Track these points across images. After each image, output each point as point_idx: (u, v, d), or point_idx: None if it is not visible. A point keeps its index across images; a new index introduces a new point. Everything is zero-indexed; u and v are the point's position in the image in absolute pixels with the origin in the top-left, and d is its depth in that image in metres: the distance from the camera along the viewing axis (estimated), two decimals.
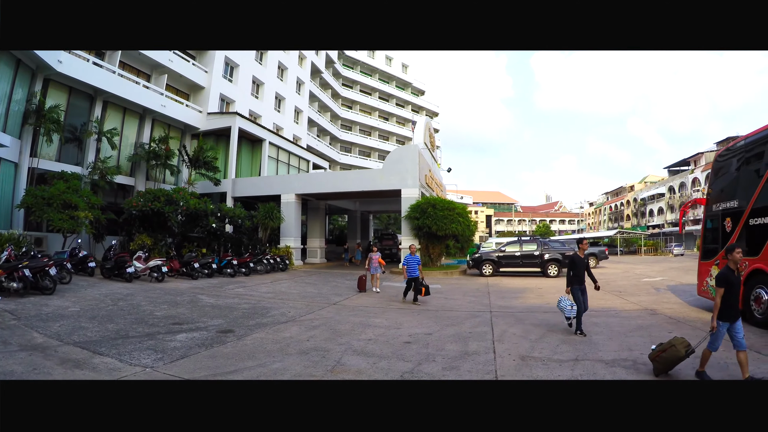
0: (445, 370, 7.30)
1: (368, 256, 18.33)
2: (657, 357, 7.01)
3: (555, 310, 13.67)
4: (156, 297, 14.40)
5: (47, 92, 23.17)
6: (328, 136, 62.39)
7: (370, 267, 17.81)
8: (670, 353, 6.87)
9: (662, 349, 6.98)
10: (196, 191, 27.68)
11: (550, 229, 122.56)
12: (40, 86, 22.62)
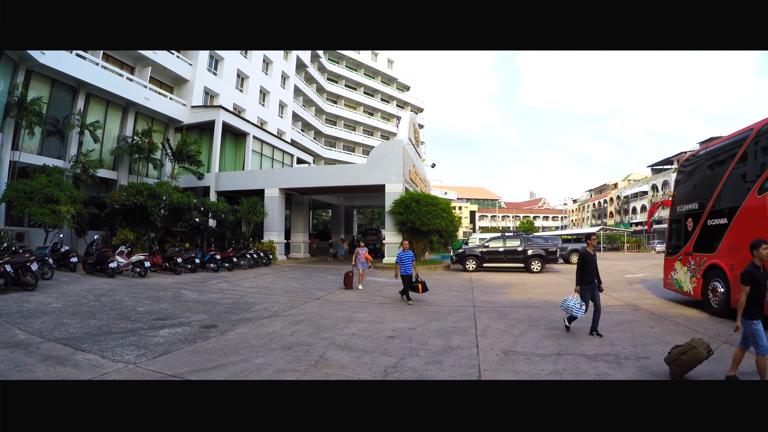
0: (428, 364, 7.37)
1: (355, 252, 17.88)
2: (675, 360, 6.64)
3: (538, 305, 13.87)
4: (139, 292, 14.35)
5: (29, 84, 22.93)
6: (312, 130, 62.24)
7: (357, 263, 17.34)
8: (691, 355, 6.54)
9: (681, 352, 6.63)
10: (179, 185, 27.53)
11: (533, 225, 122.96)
12: (22, 78, 22.39)
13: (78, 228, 22.19)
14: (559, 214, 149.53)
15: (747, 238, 9.69)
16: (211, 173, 32.05)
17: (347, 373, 6.81)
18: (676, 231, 14.84)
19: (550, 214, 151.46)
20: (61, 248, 19.04)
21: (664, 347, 8.28)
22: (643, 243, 70.64)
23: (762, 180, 10.66)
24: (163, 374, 6.37)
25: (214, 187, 31.75)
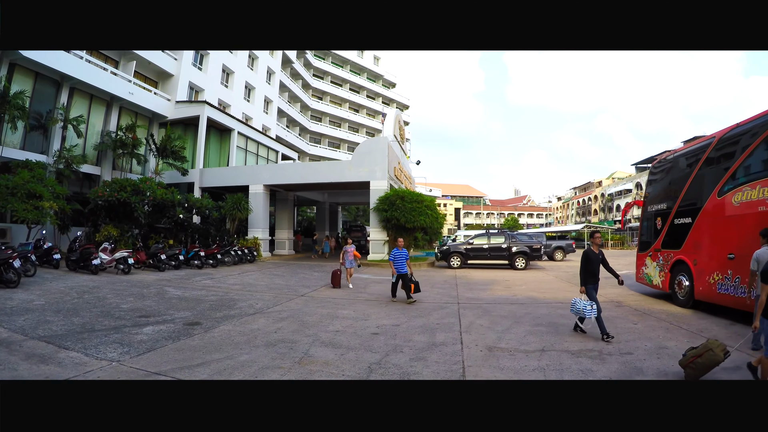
0: (412, 361, 7.41)
1: (343, 249, 17.43)
2: (690, 363, 6.43)
3: (522, 302, 13.96)
4: (122, 289, 14.27)
5: (12, 77, 22.70)
6: (297, 126, 62.05)
7: (345, 260, 16.90)
8: (707, 358, 6.33)
9: (697, 354, 6.42)
10: (163, 181, 27.36)
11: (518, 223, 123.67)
12: (5, 71, 22.18)
13: (61, 224, 22.03)
14: (543, 212, 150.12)
15: (708, 236, 12.03)
16: (195, 169, 31.93)
17: (331, 369, 6.83)
18: (646, 229, 15.91)
19: (534, 212, 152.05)
20: (43, 245, 18.89)
21: (646, 343, 8.45)
22: (627, 240, 71.12)
23: (722, 183, 11.56)
24: (147, 372, 6.35)
25: (199, 183, 31.63)
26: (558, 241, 40.61)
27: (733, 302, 10.68)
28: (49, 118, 24.28)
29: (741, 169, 11.05)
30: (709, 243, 12.01)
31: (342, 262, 17.02)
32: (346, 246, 17.25)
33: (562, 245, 37.28)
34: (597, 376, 6.72)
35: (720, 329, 9.90)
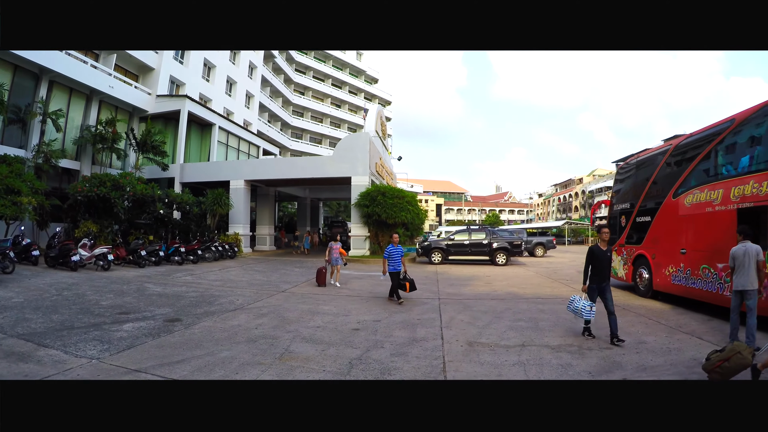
0: (393, 356, 7.48)
1: (328, 246, 16.83)
2: (716, 368, 6.12)
3: (503, 297, 14.08)
4: (102, 286, 14.18)
5: None
6: (279, 121, 61.87)
7: (331, 258, 16.36)
8: (735, 361, 6.04)
9: (723, 358, 6.10)
10: (143, 176, 27.06)
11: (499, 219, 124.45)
12: None
13: (40, 220, 21.76)
14: (524, 208, 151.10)
15: (664, 233, 13.38)
16: (175, 164, 31.74)
17: (312, 365, 6.87)
18: (612, 226, 16.96)
19: (515, 208, 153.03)
20: (22, 241, 18.62)
21: (626, 338, 8.58)
22: None
23: (676, 186, 12.93)
24: (127, 369, 6.34)
25: (179, 178, 31.46)
26: (539, 237, 40.81)
27: (684, 292, 12.17)
28: (28, 112, 23.91)
29: (692, 174, 12.33)
30: (665, 239, 13.37)
31: (328, 260, 16.47)
32: (332, 243, 16.72)
33: (542, 241, 37.58)
34: (577, 371, 6.82)
35: (698, 324, 10.11)
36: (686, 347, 8.13)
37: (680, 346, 8.11)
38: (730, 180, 10.77)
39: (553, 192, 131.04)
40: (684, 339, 8.73)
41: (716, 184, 11.23)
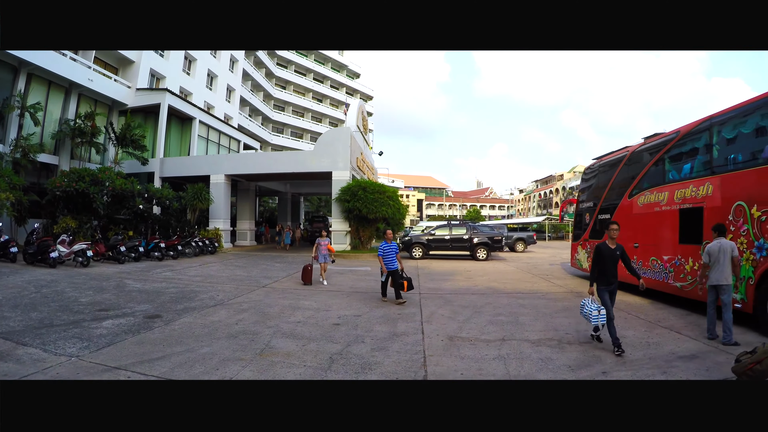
0: (373, 351, 7.54)
1: (316, 243, 16.08)
2: (748, 370, 5.73)
3: (483, 292, 14.19)
4: (81, 283, 14.04)
5: None
6: (260, 116, 61.53)
7: (318, 255, 15.70)
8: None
9: (756, 360, 5.69)
10: (122, 171, 26.94)
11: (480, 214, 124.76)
12: None
13: (18, 216, 21.46)
14: (505, 204, 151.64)
15: (621, 229, 12.30)
16: (155, 158, 31.50)
17: (293, 360, 6.90)
18: (578, 223, 19.35)
19: (496, 204, 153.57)
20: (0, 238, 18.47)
21: (605, 332, 8.70)
22: None
23: (631, 188, 14.58)
24: (107, 367, 6.33)
25: (159, 173, 31.24)
26: (519, 232, 41.17)
27: (648, 283, 12.24)
28: (6, 106, 23.52)
29: (645, 177, 14.01)
30: (621, 235, 12.77)
31: (314, 256, 15.86)
32: (319, 239, 15.97)
33: (523, 237, 37.91)
34: (557, 365, 6.93)
35: (677, 319, 10.32)
36: (665, 341, 8.30)
37: (659, 341, 8.28)
38: (674, 184, 12.42)
39: (534, 188, 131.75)
40: (663, 333, 8.90)
41: (663, 187, 12.92)
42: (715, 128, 11.13)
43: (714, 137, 11.16)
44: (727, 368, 6.58)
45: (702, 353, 7.58)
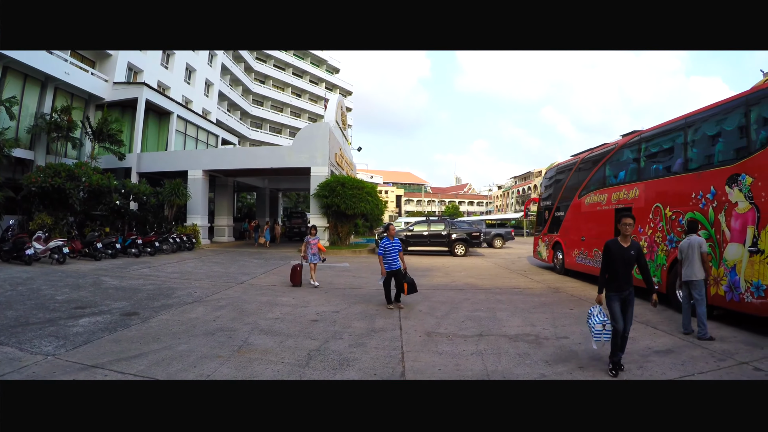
0: (351, 347, 7.61)
1: (305, 241, 14.87)
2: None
3: (461, 288, 14.31)
4: (57, 280, 13.92)
5: None
6: (238, 110, 61.14)
7: (307, 255, 14.53)
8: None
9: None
10: (99, 166, 26.48)
11: (459, 210, 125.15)
12: None
13: None
14: (484, 200, 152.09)
15: (572, 225, 17.48)
16: (132, 154, 31.16)
17: (271, 357, 6.95)
18: (539, 219, 21.99)
19: (475, 200, 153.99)
20: None
21: (582, 327, 8.90)
22: None
23: (580, 189, 16.96)
24: (83, 365, 6.31)
25: (136, 168, 30.92)
26: (497, 228, 41.42)
27: (583, 269, 16.31)
28: None
29: (591, 181, 16.37)
30: (573, 230, 17.47)
31: (304, 256, 14.74)
32: (309, 237, 14.78)
33: (501, 233, 38.16)
34: (534, 360, 7.06)
35: (653, 314, 10.49)
36: (641, 336, 8.47)
37: (635, 336, 8.41)
38: (612, 187, 14.81)
39: (513, 184, 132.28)
40: (638, 328, 9.05)
41: (604, 189, 15.29)
42: (643, 143, 13.48)
43: (642, 150, 13.52)
44: (702, 363, 6.84)
45: (677, 348, 7.76)
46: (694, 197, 10.70)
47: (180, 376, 6.04)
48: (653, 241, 12.26)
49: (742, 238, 9.03)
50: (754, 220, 8.84)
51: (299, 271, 14.51)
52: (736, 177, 9.40)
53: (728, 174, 9.65)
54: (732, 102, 10.08)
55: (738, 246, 9.20)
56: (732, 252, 9.35)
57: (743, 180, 9.20)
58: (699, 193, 10.54)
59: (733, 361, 7.06)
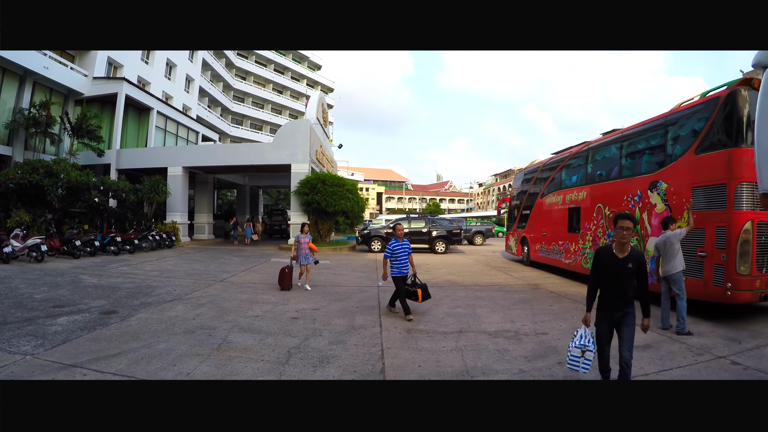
0: (331, 344, 7.66)
1: (295, 240, 13.75)
2: None
3: (441, 285, 14.46)
4: (35, 278, 13.80)
5: None
6: (219, 107, 60.78)
7: (298, 255, 13.40)
8: None
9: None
10: (78, 163, 26.21)
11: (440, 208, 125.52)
12: None
13: None
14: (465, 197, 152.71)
15: (536, 222, 19.72)
16: (112, 150, 30.85)
17: (250, 355, 6.98)
18: (509, 217, 24.14)
19: (456, 197, 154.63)
20: None
21: (561, 323, 9.13)
22: None
23: (542, 190, 19.18)
24: (62, 365, 6.30)
25: (115, 164, 30.61)
26: (478, 225, 41.70)
27: (545, 260, 18.53)
28: None
29: (551, 183, 18.44)
30: (536, 226, 19.67)
31: (294, 257, 13.58)
32: (300, 235, 13.69)
33: (481, 230, 38.42)
34: (513, 356, 7.16)
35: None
36: None
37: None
38: (566, 190, 16.96)
39: (494, 182, 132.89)
40: None
41: (560, 191, 17.42)
42: (591, 152, 15.58)
43: (589, 158, 15.60)
44: (681, 357, 7.02)
45: (656, 343, 7.92)
46: (626, 199, 12.91)
47: (159, 375, 6.06)
48: (596, 236, 14.37)
49: (659, 232, 10.27)
50: None
51: (288, 273, 13.32)
52: (656, 183, 11.68)
53: (650, 181, 11.92)
54: (655, 121, 12.19)
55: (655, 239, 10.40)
56: (651, 244, 11.23)
57: (660, 186, 11.51)
58: (629, 195, 12.76)
59: (711, 355, 7.23)
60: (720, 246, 9.40)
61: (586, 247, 14.94)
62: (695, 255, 9.95)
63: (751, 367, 6.72)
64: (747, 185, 9.13)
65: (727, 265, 9.23)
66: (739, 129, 9.48)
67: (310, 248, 13.53)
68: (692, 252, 9.95)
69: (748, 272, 9.09)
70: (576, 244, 15.67)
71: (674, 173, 11.08)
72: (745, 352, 7.44)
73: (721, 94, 9.96)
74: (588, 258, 14.56)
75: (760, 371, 6.53)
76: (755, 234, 9.14)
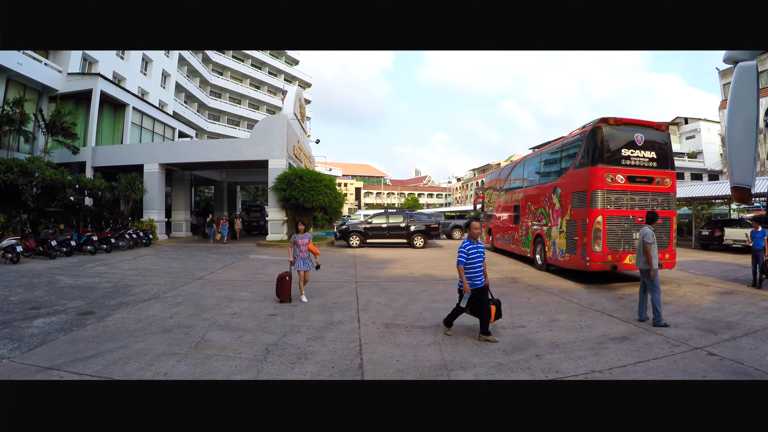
0: (309, 340, 7.74)
1: (292, 240, 11.44)
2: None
3: (419, 280, 14.65)
4: (11, 280, 13.62)
5: None
6: (196, 102, 60.28)
7: (296, 260, 11.12)
8: None
9: None
10: (52, 160, 25.86)
11: (418, 203, 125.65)
12: None
13: None
14: (443, 192, 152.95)
15: (497, 216, 24.08)
16: (87, 147, 30.47)
17: (228, 353, 7.03)
18: (481, 213, 28.52)
19: (434, 192, 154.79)
20: None
21: (539, 316, 9.36)
22: None
23: (500, 191, 23.54)
24: (39, 367, 6.30)
25: (91, 162, 30.29)
26: (456, 220, 41.88)
27: (504, 247, 22.82)
28: None
29: (505, 185, 22.88)
30: (496, 220, 24.24)
31: (291, 261, 11.26)
32: (296, 236, 11.40)
33: (460, 224, 38.61)
34: (491, 349, 7.34)
35: (609, 302, 11.04)
36: (597, 324, 8.85)
37: (591, 323, 8.79)
38: (512, 191, 21.54)
39: (472, 176, 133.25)
40: (595, 316, 9.45)
41: (510, 192, 21.84)
42: (526, 162, 20.33)
43: (524, 167, 20.36)
44: (657, 349, 7.21)
45: (633, 335, 8.13)
46: (542, 200, 17.14)
47: (137, 375, 6.09)
48: (528, 226, 18.62)
49: (557, 224, 15.50)
50: (561, 214, 15.21)
51: (288, 282, 11.20)
52: (555, 188, 15.89)
53: (552, 186, 16.19)
54: (558, 143, 16.49)
55: (555, 229, 15.60)
56: (553, 233, 15.79)
57: (557, 190, 15.71)
58: (544, 197, 16.94)
59: (687, 346, 7.43)
60: (584, 233, 13.47)
61: (522, 235, 19.48)
62: (573, 239, 14.13)
63: (726, 357, 6.91)
64: (600, 192, 13.20)
65: (586, 245, 13.31)
66: (594, 153, 13.49)
67: (310, 250, 11.38)
68: (572, 237, 14.24)
69: (600, 250, 13.05)
70: (518, 233, 20.16)
71: (564, 182, 15.39)
72: (720, 343, 7.64)
73: (587, 129, 14.08)
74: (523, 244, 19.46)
75: (736, 362, 6.70)
76: (605, 225, 13.10)
